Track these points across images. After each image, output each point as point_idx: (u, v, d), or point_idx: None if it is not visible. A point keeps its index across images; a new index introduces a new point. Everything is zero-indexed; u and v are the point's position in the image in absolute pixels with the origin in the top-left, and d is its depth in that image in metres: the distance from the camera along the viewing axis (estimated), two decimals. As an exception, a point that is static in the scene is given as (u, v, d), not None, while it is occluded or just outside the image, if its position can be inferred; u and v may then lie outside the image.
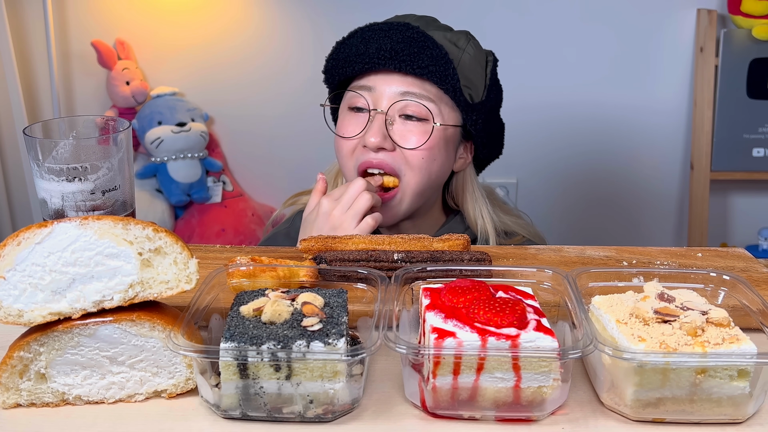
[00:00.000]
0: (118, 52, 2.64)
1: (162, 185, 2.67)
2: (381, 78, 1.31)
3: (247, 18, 2.66)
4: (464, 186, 1.44)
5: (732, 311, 0.79)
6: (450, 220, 1.46)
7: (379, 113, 1.30)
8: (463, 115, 1.33)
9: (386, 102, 1.30)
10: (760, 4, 2.40)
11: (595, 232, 2.77)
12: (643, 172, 2.68)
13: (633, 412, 0.73)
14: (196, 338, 0.75)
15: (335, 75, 1.37)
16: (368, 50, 1.30)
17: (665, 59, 2.57)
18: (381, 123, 1.29)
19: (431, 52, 1.28)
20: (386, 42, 1.29)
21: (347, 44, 1.35)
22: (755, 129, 2.53)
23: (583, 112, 2.63)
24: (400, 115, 1.31)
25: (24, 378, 0.76)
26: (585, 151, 2.67)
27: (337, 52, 1.37)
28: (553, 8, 2.55)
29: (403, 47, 1.28)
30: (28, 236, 0.72)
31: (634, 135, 2.64)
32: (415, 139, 1.30)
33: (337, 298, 0.79)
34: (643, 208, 2.73)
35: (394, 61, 1.28)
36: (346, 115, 1.36)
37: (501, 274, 0.88)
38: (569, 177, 2.71)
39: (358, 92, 1.32)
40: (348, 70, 1.34)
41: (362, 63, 1.31)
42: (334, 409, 0.73)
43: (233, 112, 2.76)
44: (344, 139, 1.34)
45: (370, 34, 1.32)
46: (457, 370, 0.71)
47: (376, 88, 1.31)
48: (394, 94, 1.30)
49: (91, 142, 0.93)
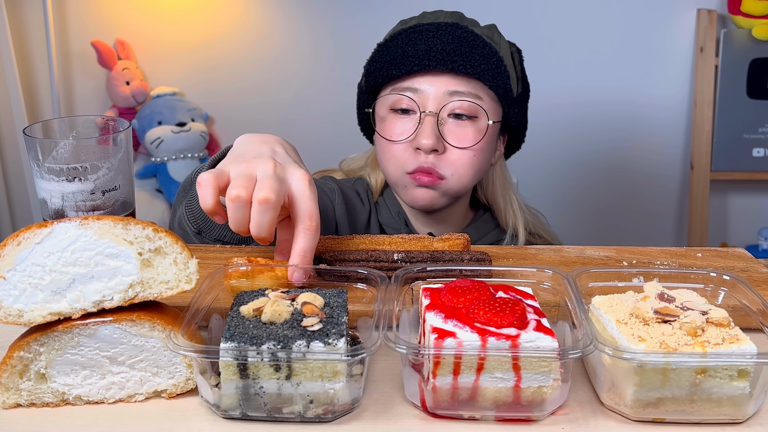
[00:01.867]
0: (118, 52, 2.64)
1: (162, 185, 2.67)
2: (426, 78, 1.29)
3: (247, 18, 2.66)
4: (496, 178, 1.44)
5: (732, 311, 0.79)
6: (479, 217, 1.46)
7: (429, 114, 1.27)
8: (505, 109, 1.33)
9: (434, 102, 1.28)
10: (760, 4, 2.41)
11: (595, 232, 2.77)
12: (643, 172, 2.68)
13: (633, 412, 0.73)
14: (196, 338, 0.75)
15: (378, 78, 1.33)
16: (417, 51, 1.27)
17: (665, 59, 2.57)
18: (433, 124, 1.27)
19: (482, 51, 1.27)
20: (435, 42, 1.27)
21: (391, 46, 1.32)
22: (755, 129, 2.53)
23: (582, 112, 2.63)
24: (448, 114, 1.29)
25: (24, 378, 0.76)
26: (585, 151, 2.67)
27: (380, 54, 1.34)
28: (552, 8, 2.55)
29: (455, 47, 1.26)
30: (28, 236, 0.72)
31: (634, 135, 2.64)
32: (468, 138, 1.28)
33: (337, 298, 0.79)
34: (643, 208, 2.73)
35: (446, 62, 1.26)
36: (389, 117, 1.33)
37: (501, 274, 0.88)
38: (569, 177, 2.71)
39: (403, 94, 1.30)
40: (394, 72, 1.30)
41: (411, 64, 1.28)
42: (334, 409, 0.73)
43: (233, 112, 2.76)
44: (392, 142, 1.31)
45: (415, 36, 1.30)
46: (457, 370, 0.71)
47: (421, 88, 1.29)
48: (441, 94, 1.28)
49: (91, 142, 0.93)
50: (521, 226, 1.41)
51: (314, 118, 2.76)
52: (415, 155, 1.29)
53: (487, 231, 1.45)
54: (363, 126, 1.44)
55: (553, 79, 2.59)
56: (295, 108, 2.71)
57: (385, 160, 1.34)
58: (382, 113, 1.35)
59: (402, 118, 1.31)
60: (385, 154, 1.33)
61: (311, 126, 2.70)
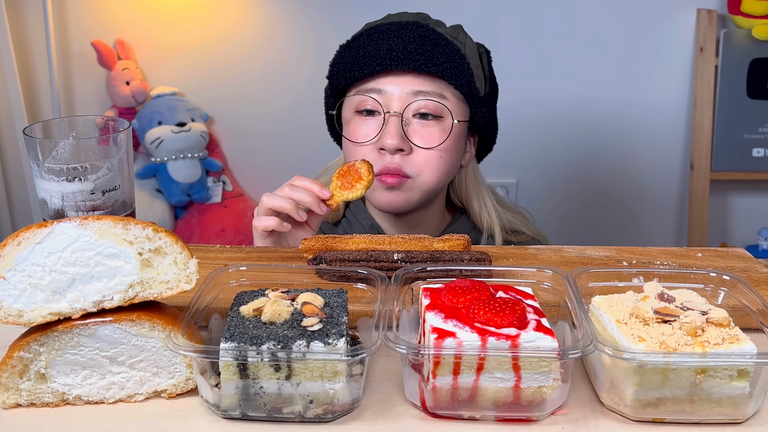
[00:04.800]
0: (118, 52, 2.64)
1: (162, 185, 2.67)
2: (390, 79, 1.28)
3: (247, 18, 2.66)
4: (468, 180, 1.43)
5: (732, 311, 0.79)
6: (456, 219, 1.45)
7: (394, 115, 1.27)
8: (472, 109, 1.33)
9: (398, 103, 1.27)
10: (760, 4, 2.40)
11: (595, 232, 2.77)
12: (643, 172, 2.68)
13: (633, 412, 0.73)
14: (196, 338, 0.75)
15: (341, 79, 1.33)
16: (378, 51, 1.27)
17: (665, 59, 2.57)
18: (397, 124, 1.26)
19: (444, 49, 1.26)
20: (397, 42, 1.26)
21: (353, 47, 1.32)
22: (755, 129, 2.53)
23: (583, 112, 2.63)
24: (413, 114, 1.28)
25: (24, 378, 0.76)
26: (585, 151, 2.67)
27: (342, 55, 1.33)
28: (552, 8, 2.55)
29: (416, 46, 1.26)
30: (28, 236, 0.72)
31: (634, 135, 2.64)
32: (434, 138, 1.28)
33: (337, 298, 0.79)
34: (643, 208, 2.73)
35: (407, 61, 1.25)
36: (354, 119, 1.32)
37: (501, 274, 0.88)
38: (569, 177, 2.71)
39: (367, 95, 1.29)
40: (357, 73, 1.30)
41: (373, 65, 1.27)
42: (334, 409, 0.73)
43: (233, 112, 2.76)
44: (357, 144, 1.30)
45: (377, 36, 1.29)
46: (457, 370, 0.71)
47: (385, 89, 1.28)
48: (406, 94, 1.27)
49: (91, 142, 0.93)
50: (497, 227, 1.39)
51: (314, 118, 2.75)
52: (381, 156, 1.28)
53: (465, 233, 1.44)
54: (331, 130, 1.44)
55: (553, 78, 2.59)
56: (296, 108, 2.71)
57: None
58: (347, 116, 1.35)
59: (367, 120, 1.30)
60: (352, 156, 1.32)
61: (311, 126, 2.70)
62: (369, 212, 1.42)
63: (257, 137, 2.77)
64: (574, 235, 2.76)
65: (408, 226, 1.39)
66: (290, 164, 2.76)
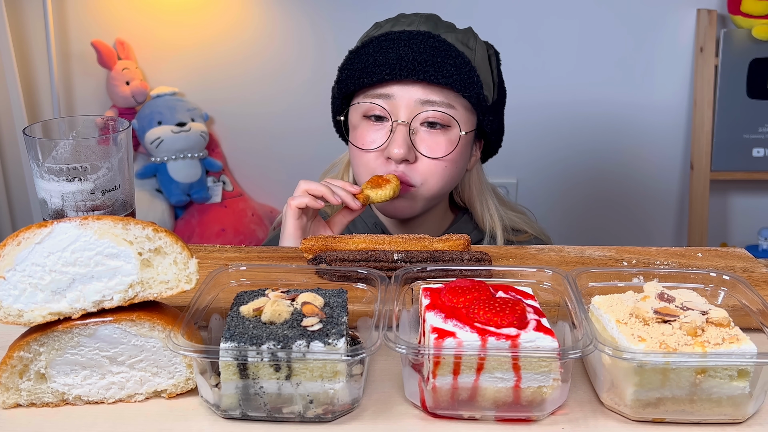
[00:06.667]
0: (118, 52, 2.64)
1: (162, 185, 2.67)
2: (398, 86, 1.28)
3: (247, 18, 2.66)
4: (472, 182, 1.43)
5: (732, 311, 0.79)
6: (458, 219, 1.46)
7: (401, 124, 1.27)
8: (480, 118, 1.33)
9: (406, 111, 1.27)
10: (760, 4, 2.40)
11: (595, 232, 2.77)
12: (643, 172, 2.68)
13: (633, 412, 0.73)
14: (196, 338, 0.75)
15: (350, 85, 1.33)
16: (388, 60, 1.26)
17: (665, 59, 2.57)
18: (405, 134, 1.26)
19: (454, 61, 1.26)
20: (407, 52, 1.26)
21: (362, 53, 1.31)
22: (755, 129, 2.53)
23: (583, 112, 2.63)
24: (421, 123, 1.28)
25: (24, 378, 0.76)
26: (585, 151, 2.67)
27: (351, 61, 1.33)
28: (552, 8, 2.55)
29: (426, 57, 1.25)
30: (28, 236, 0.72)
31: (635, 135, 2.64)
32: (441, 148, 1.28)
33: (337, 298, 0.79)
34: (643, 208, 2.73)
35: (417, 72, 1.25)
36: (362, 124, 1.32)
37: (501, 274, 0.88)
38: (569, 177, 2.71)
39: (375, 102, 1.29)
40: (366, 80, 1.29)
41: (382, 73, 1.27)
42: (334, 409, 0.73)
43: (233, 112, 2.76)
44: (364, 151, 1.30)
45: (387, 44, 1.28)
46: (457, 370, 0.71)
47: (394, 96, 1.28)
48: (413, 102, 1.27)
49: (91, 142, 0.93)
50: (499, 229, 1.40)
51: (314, 118, 2.75)
52: (387, 164, 1.29)
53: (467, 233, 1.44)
54: (339, 132, 1.44)
55: (553, 78, 2.59)
56: (296, 108, 2.71)
57: (357, 167, 1.35)
58: (354, 120, 1.35)
59: (374, 126, 1.30)
60: (357, 161, 1.33)
61: (311, 126, 2.70)
62: (373, 211, 1.43)
63: (257, 137, 2.77)
64: (574, 235, 2.76)
65: (411, 226, 1.40)
66: (290, 164, 2.77)
